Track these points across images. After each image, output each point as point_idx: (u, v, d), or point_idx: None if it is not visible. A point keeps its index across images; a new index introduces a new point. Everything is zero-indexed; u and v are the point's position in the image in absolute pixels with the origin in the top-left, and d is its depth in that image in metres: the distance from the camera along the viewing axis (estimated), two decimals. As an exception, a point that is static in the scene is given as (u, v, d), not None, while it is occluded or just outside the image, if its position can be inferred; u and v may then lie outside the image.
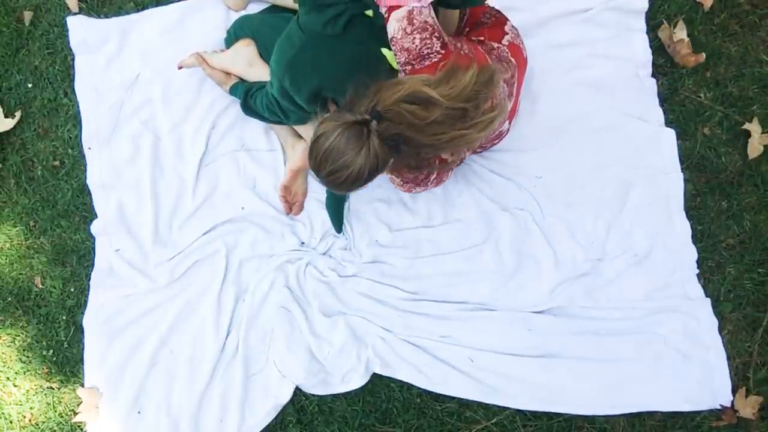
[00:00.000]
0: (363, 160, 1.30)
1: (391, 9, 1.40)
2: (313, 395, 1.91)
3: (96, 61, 2.01)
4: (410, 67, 1.45)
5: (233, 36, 1.94)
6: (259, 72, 1.89)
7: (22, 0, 2.04)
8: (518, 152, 1.98)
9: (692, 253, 1.96)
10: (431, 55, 1.43)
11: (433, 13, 1.42)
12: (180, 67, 1.96)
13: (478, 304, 1.94)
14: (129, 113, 2.00)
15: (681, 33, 2.01)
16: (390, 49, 1.47)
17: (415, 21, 1.39)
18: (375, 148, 1.29)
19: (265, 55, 1.89)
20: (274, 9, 1.99)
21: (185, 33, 2.01)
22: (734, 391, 1.91)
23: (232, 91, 1.90)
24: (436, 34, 1.42)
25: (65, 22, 2.02)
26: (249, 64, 1.89)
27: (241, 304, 1.95)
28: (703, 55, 2.00)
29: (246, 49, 1.90)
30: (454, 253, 1.95)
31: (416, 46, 1.41)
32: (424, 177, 1.73)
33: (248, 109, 1.85)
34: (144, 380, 1.91)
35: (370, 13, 1.48)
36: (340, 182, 1.34)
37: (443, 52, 1.43)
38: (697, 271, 1.96)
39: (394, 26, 1.41)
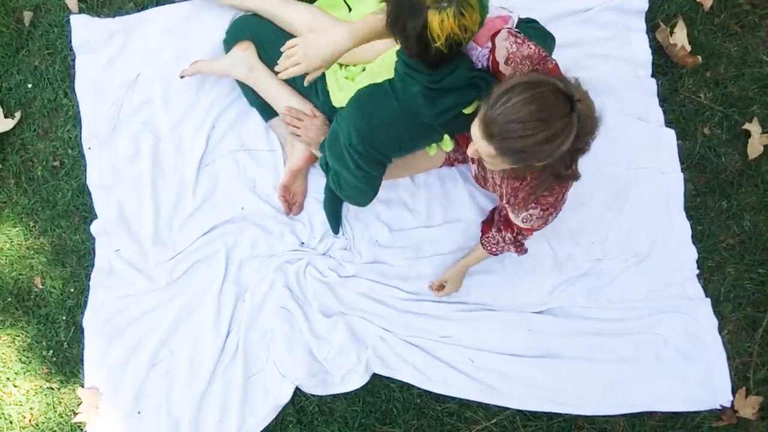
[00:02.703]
0: (562, 128, 1.20)
1: (492, 37, 1.41)
2: (313, 395, 1.91)
3: (97, 61, 2.00)
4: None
5: (232, 39, 1.92)
6: (259, 76, 1.87)
7: (22, 0, 2.04)
8: (518, 152, 1.98)
9: (692, 253, 1.96)
10: (548, 58, 1.42)
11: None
12: (182, 77, 1.96)
13: (478, 305, 1.94)
14: (129, 113, 2.00)
15: (681, 33, 2.01)
16: None
17: (517, 35, 1.41)
18: (575, 124, 1.22)
19: (265, 58, 1.87)
20: None
21: (187, 33, 2.00)
22: (734, 392, 1.91)
23: (323, 147, 1.77)
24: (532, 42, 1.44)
25: (68, 20, 2.02)
26: (249, 69, 1.87)
27: (241, 304, 1.95)
28: (699, 58, 2.00)
29: (244, 53, 1.88)
30: (454, 253, 1.95)
31: (533, 50, 1.40)
32: (560, 198, 1.53)
33: (328, 168, 1.75)
34: (144, 380, 1.91)
35: (470, 110, 1.47)
36: (528, 144, 1.21)
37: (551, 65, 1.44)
38: (697, 271, 1.96)
39: (504, 45, 1.39)
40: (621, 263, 1.94)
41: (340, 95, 1.69)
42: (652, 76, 2.02)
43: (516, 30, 1.44)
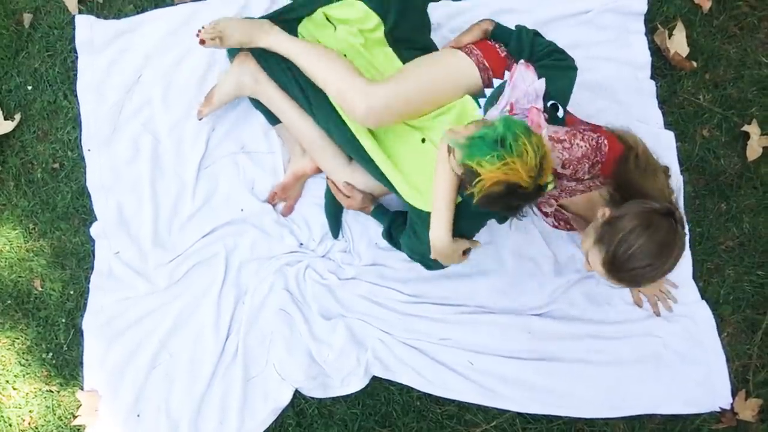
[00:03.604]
0: (681, 246, 1.33)
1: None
2: (313, 398, 1.91)
3: (99, 62, 2.00)
4: (599, 165, 1.42)
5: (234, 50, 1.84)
6: (267, 88, 1.80)
7: (21, 2, 2.04)
8: (518, 155, 1.98)
9: (690, 256, 1.96)
10: (600, 145, 1.40)
11: (552, 127, 1.45)
12: (200, 118, 1.93)
13: (477, 307, 1.94)
14: (129, 115, 2.00)
15: (680, 35, 2.01)
16: None
17: (558, 136, 1.39)
18: (684, 233, 1.35)
19: (268, 69, 1.79)
20: None
21: (188, 35, 2.00)
22: (734, 394, 1.91)
23: (375, 215, 1.88)
24: (574, 132, 1.42)
25: (68, 22, 2.02)
26: (256, 82, 1.81)
27: (241, 306, 1.95)
28: (695, 63, 2.00)
29: (244, 67, 1.81)
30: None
31: (584, 146, 1.39)
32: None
33: (392, 240, 1.85)
34: (143, 383, 1.91)
35: None
36: (658, 275, 1.34)
37: (596, 133, 1.44)
38: (695, 273, 1.96)
39: (555, 156, 1.39)
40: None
41: (421, 199, 1.65)
42: (651, 78, 2.02)
43: (554, 130, 1.43)
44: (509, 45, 1.67)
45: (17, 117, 2.01)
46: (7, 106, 2.03)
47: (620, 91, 2.01)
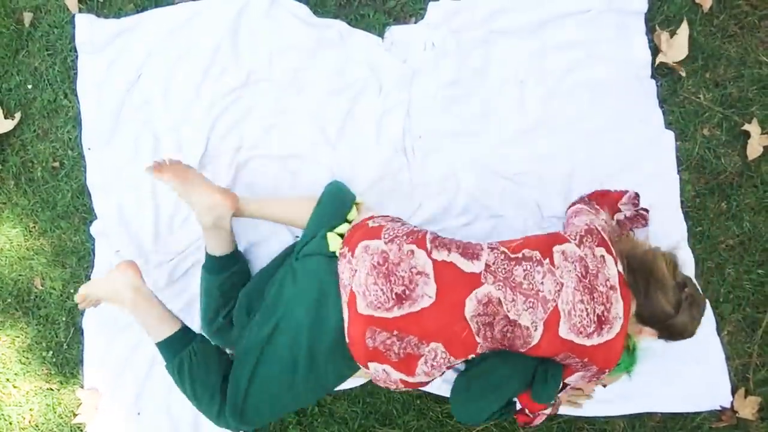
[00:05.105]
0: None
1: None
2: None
3: (99, 61, 2.01)
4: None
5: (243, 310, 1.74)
6: (143, 301, 1.67)
7: (22, 1, 2.04)
8: (517, 154, 1.98)
9: (689, 255, 1.96)
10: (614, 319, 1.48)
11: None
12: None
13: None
14: (129, 114, 2.00)
15: (682, 35, 2.01)
16: None
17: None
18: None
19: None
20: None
21: (188, 34, 2.01)
22: (734, 392, 1.91)
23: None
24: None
25: (68, 21, 2.02)
26: (134, 290, 1.68)
27: (241, 305, 1.95)
28: (682, 73, 1.99)
29: (127, 274, 1.71)
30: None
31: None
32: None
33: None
34: (144, 381, 1.91)
35: None
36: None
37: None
38: (696, 272, 1.96)
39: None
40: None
41: None
42: (652, 77, 2.02)
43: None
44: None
45: (17, 116, 2.01)
46: (7, 105, 2.03)
47: (621, 90, 2.01)
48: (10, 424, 1.94)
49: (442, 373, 1.53)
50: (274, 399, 1.56)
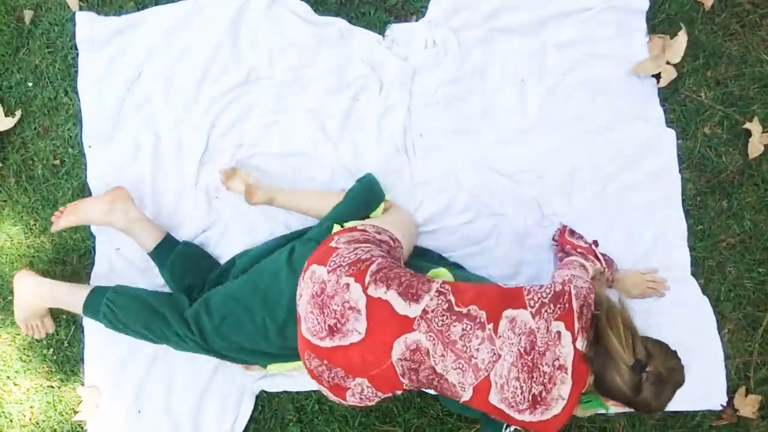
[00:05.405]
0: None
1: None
2: (313, 393, 1.91)
3: (99, 59, 2.00)
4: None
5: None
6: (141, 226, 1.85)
7: (22, -1, 2.05)
8: (518, 152, 1.98)
9: (686, 255, 1.96)
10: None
11: None
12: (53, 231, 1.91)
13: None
14: (130, 111, 2.00)
15: (681, 39, 2.00)
16: None
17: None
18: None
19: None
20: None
21: (189, 32, 2.00)
22: (734, 391, 1.91)
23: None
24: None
25: (69, 19, 2.02)
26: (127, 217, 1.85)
27: (242, 303, 1.95)
28: (675, 73, 1.99)
29: (119, 204, 1.85)
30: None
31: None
32: None
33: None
34: (144, 379, 1.91)
35: None
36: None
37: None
38: (694, 270, 1.96)
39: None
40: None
41: None
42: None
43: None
44: None
45: (18, 113, 2.01)
46: (7, 103, 2.03)
47: (621, 88, 2.01)
48: (11, 421, 1.95)
49: (380, 400, 1.51)
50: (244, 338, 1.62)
